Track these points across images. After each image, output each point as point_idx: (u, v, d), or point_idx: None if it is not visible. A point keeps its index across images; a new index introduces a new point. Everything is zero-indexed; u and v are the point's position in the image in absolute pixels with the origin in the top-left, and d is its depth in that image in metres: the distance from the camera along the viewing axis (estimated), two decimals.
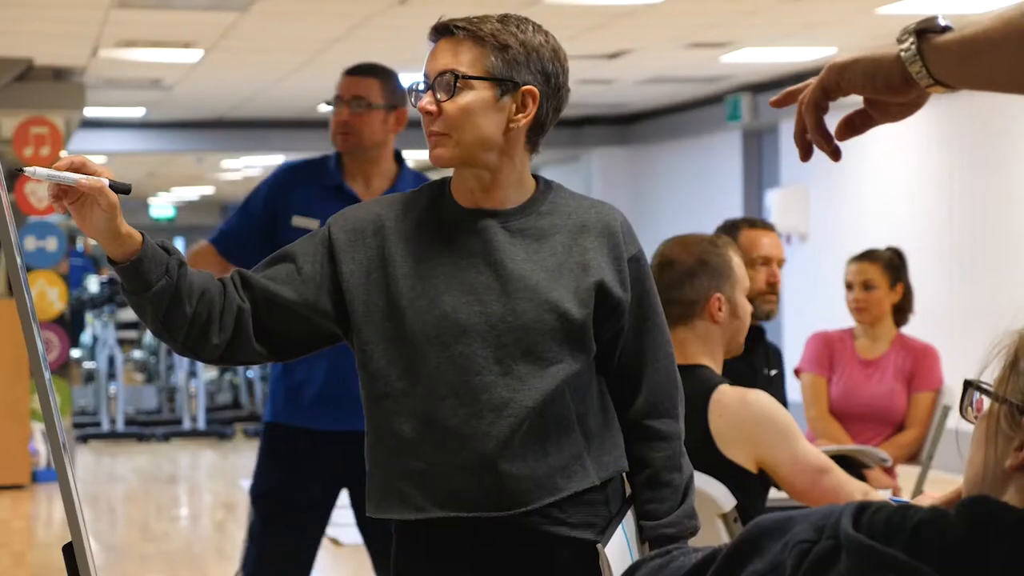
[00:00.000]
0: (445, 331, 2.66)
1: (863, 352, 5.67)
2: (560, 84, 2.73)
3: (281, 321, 2.70)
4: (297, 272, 2.71)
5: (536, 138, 2.75)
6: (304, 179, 4.53)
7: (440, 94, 2.66)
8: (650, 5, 9.36)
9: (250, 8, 9.19)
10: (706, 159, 15.50)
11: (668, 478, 2.76)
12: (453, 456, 2.65)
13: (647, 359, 2.77)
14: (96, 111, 14.57)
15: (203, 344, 2.66)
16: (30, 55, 11.03)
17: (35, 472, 11.11)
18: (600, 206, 2.78)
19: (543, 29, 2.74)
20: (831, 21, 10.30)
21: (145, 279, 2.57)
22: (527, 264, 2.69)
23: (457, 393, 2.65)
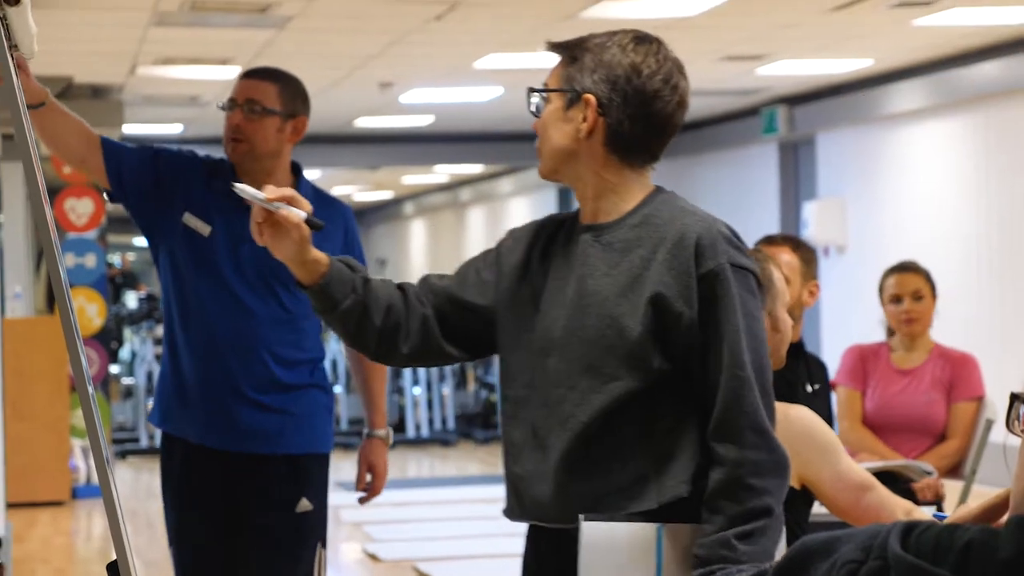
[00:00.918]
0: (544, 344, 2.73)
1: (899, 363, 5.64)
2: (634, 91, 2.69)
3: (470, 323, 2.82)
4: (479, 276, 2.84)
5: (624, 150, 2.72)
6: (206, 177, 4.21)
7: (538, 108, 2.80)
8: (685, 19, 9.35)
9: (287, 25, 9.22)
10: (743, 172, 15.46)
11: (720, 504, 2.64)
12: (535, 465, 2.72)
13: (716, 379, 2.67)
14: (134, 128, 14.64)
15: (393, 352, 2.81)
16: (70, 73, 11.10)
17: (75, 488, 11.15)
18: (691, 217, 2.71)
19: (643, 45, 2.73)
20: (867, 33, 10.26)
21: (332, 300, 2.73)
22: (604, 279, 2.70)
23: (543, 404, 2.72)
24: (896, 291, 5.62)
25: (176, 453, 4.25)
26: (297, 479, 4.21)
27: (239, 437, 4.17)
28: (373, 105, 13.83)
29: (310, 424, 4.23)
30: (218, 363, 4.16)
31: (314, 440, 4.23)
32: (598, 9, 8.94)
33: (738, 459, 2.64)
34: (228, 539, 4.20)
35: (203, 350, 4.16)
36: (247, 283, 4.15)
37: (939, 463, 5.44)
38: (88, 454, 11.45)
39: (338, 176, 21.73)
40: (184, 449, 4.23)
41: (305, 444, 4.21)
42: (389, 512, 10.11)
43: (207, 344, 4.17)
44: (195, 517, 4.21)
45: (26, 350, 10.73)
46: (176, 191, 4.19)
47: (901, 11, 9.38)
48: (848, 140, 13.32)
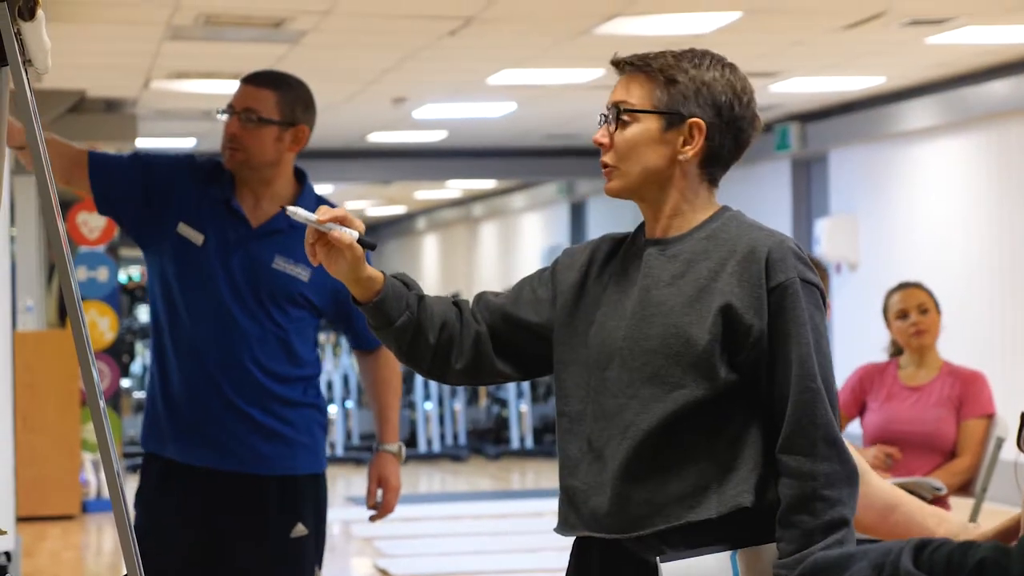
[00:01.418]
0: (603, 356, 2.74)
1: (908, 380, 5.65)
2: (736, 116, 2.76)
3: (523, 341, 2.83)
4: (533, 294, 2.85)
5: (713, 170, 2.78)
6: (201, 184, 4.09)
7: (612, 126, 2.77)
8: (699, 36, 9.36)
9: (301, 40, 9.24)
10: (755, 188, 15.45)
11: (796, 519, 2.64)
12: (593, 476, 2.72)
13: (786, 391, 2.68)
14: (148, 142, 14.68)
15: (446, 369, 2.83)
16: (83, 87, 11.13)
17: (85, 502, 11.16)
18: (760, 232, 2.75)
19: (725, 64, 2.78)
20: (880, 51, 10.27)
21: (388, 316, 2.75)
22: (669, 289, 2.72)
23: (601, 415, 2.72)
24: (902, 306, 5.65)
25: (154, 472, 4.08)
26: (292, 502, 4.06)
27: (229, 456, 4.02)
28: (386, 120, 13.85)
29: (304, 443, 4.08)
30: (205, 376, 4.01)
31: (308, 460, 4.09)
32: (612, 26, 8.96)
33: (812, 471, 2.66)
34: (217, 567, 4.04)
35: (190, 362, 4.02)
36: (237, 294, 4.03)
37: (949, 480, 5.43)
38: (98, 468, 11.46)
39: (351, 191, 21.76)
40: (165, 468, 4.07)
41: (299, 465, 4.07)
42: (400, 527, 10.10)
43: (194, 356, 4.02)
44: (177, 540, 4.01)
45: (37, 363, 10.74)
46: (170, 200, 4.07)
47: (914, 29, 9.38)
48: (860, 157, 13.31)
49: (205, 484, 4.03)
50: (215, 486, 4.03)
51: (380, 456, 4.22)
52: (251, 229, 4.07)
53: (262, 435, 4.03)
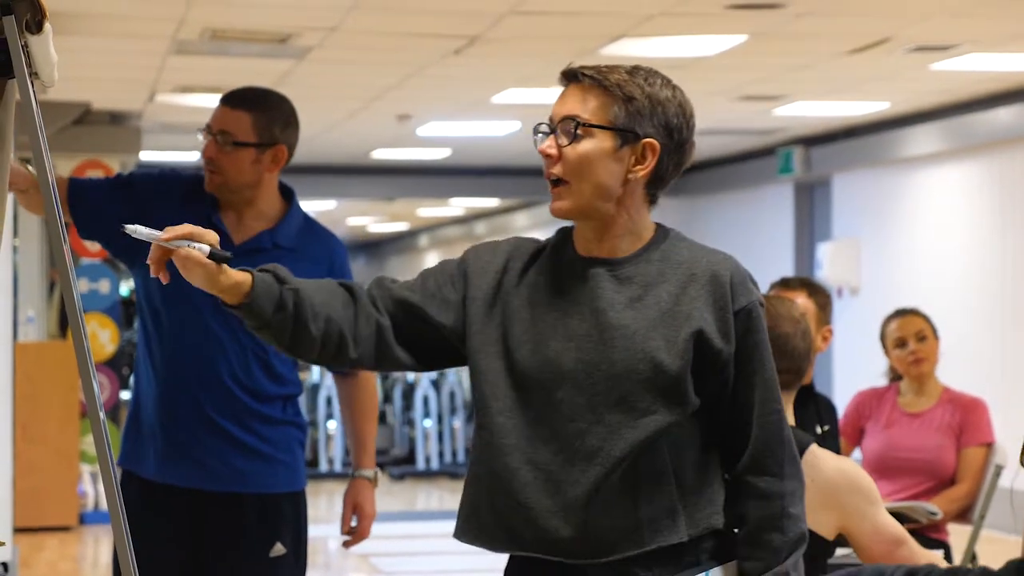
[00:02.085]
0: (548, 376, 2.68)
1: (908, 406, 5.63)
2: (683, 140, 2.74)
3: (427, 335, 2.77)
4: (438, 291, 2.78)
5: (655, 191, 2.75)
6: (183, 200, 4.03)
7: (562, 139, 2.71)
8: (703, 58, 9.38)
9: (306, 56, 9.26)
10: (758, 211, 15.47)
11: (766, 538, 2.68)
12: (546, 499, 2.66)
13: (752, 414, 2.70)
14: (151, 155, 14.70)
15: (341, 359, 2.75)
16: (88, 99, 11.15)
17: (83, 514, 11.15)
18: (714, 256, 2.75)
19: (672, 84, 2.76)
20: (884, 76, 10.28)
21: (260, 316, 2.68)
22: (628, 312, 2.68)
23: (556, 438, 2.67)
24: (900, 334, 5.62)
25: (132, 491, 3.97)
26: (270, 521, 4.00)
27: (207, 474, 3.96)
28: (390, 137, 13.87)
29: (283, 461, 4.02)
30: (185, 392, 3.94)
31: (287, 478, 4.04)
32: (617, 47, 8.97)
33: (780, 490, 2.70)
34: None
35: (170, 379, 3.95)
36: (218, 311, 3.91)
37: (948, 507, 5.43)
38: (97, 480, 11.45)
39: (354, 207, 21.77)
40: (141, 487, 4.00)
41: (278, 483, 4.01)
42: (398, 545, 10.09)
43: (174, 372, 3.96)
44: (160, 559, 3.93)
45: (38, 374, 10.74)
46: (150, 218, 3.83)
47: (918, 55, 9.40)
48: (864, 182, 13.32)
49: (184, 503, 3.98)
50: (194, 505, 3.98)
51: (356, 482, 4.15)
52: (233, 246, 4.00)
53: (241, 452, 3.98)
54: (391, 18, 8.20)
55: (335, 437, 14.26)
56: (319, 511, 11.48)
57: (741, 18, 8.13)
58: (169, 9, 7.92)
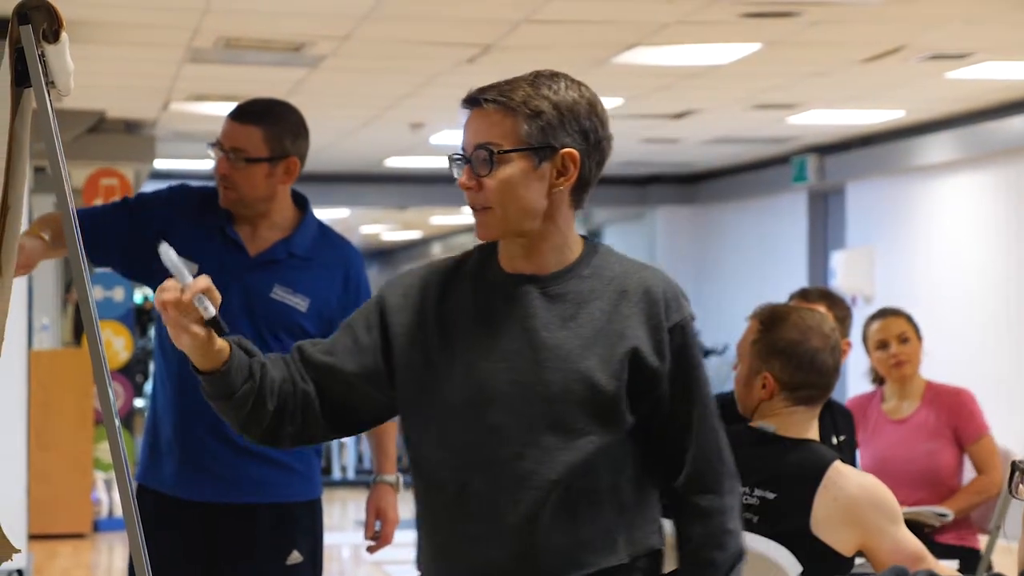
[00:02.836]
0: (478, 400, 2.60)
1: (892, 413, 5.54)
2: (600, 138, 2.66)
3: (346, 395, 2.67)
4: (355, 343, 2.67)
5: (580, 196, 2.67)
6: (195, 212, 4.05)
7: (479, 169, 2.60)
8: (717, 67, 9.38)
9: (320, 65, 9.28)
10: (771, 220, 15.46)
11: (709, 556, 2.64)
12: (482, 529, 2.60)
13: (689, 432, 2.65)
14: (165, 163, 14.72)
15: (279, 434, 2.67)
16: (103, 107, 11.18)
17: (97, 521, 11.16)
18: (645, 271, 2.69)
19: (577, 83, 2.67)
20: (899, 84, 10.27)
21: (230, 387, 2.59)
22: (561, 332, 2.60)
23: (488, 464, 2.59)
24: (881, 336, 5.52)
25: (147, 505, 3.97)
26: (287, 530, 4.01)
27: (223, 486, 3.97)
28: (403, 145, 13.88)
29: (298, 471, 4.03)
30: (201, 405, 3.90)
31: (303, 487, 4.05)
32: (630, 55, 8.97)
33: (720, 507, 2.67)
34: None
35: (188, 391, 3.87)
36: (233, 324, 3.95)
37: (975, 499, 5.35)
38: (111, 487, 11.47)
39: (367, 215, 21.79)
40: (157, 500, 4.01)
41: (294, 491, 4.03)
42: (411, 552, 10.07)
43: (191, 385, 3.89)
44: (176, 572, 3.93)
45: (52, 382, 10.76)
46: (166, 228, 3.96)
47: (933, 64, 9.39)
48: (878, 190, 13.31)
49: (200, 516, 3.98)
50: (210, 518, 3.98)
51: (378, 488, 4.15)
52: (249, 258, 4.02)
53: (257, 463, 3.97)
54: (405, 27, 8.21)
55: (348, 445, 14.25)
56: (332, 519, 11.47)
57: (755, 27, 8.13)
58: (184, 18, 7.94)
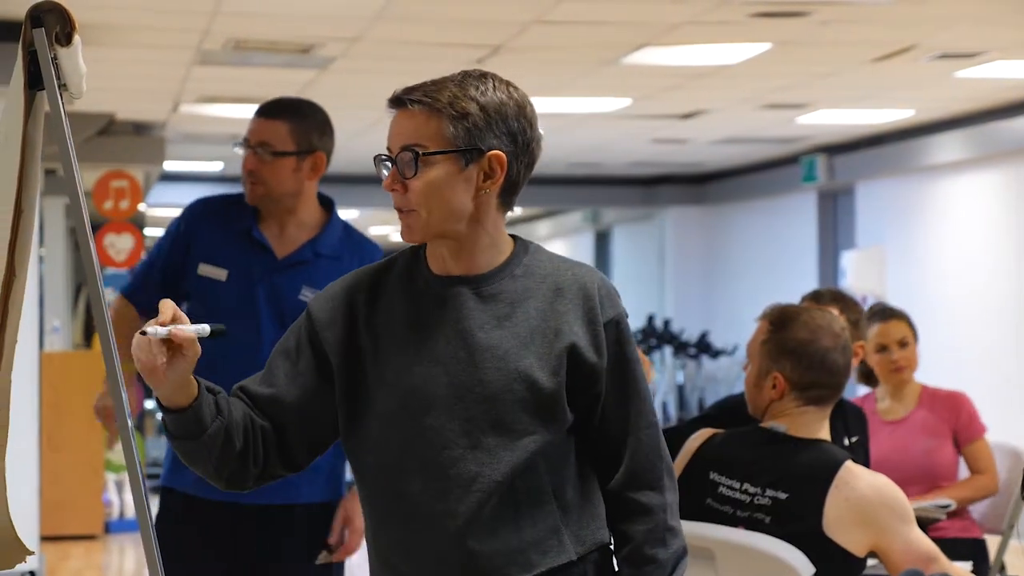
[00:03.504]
0: (413, 404, 2.55)
1: (887, 414, 5.48)
2: (529, 139, 2.60)
3: (299, 423, 2.62)
4: (293, 367, 2.62)
5: (509, 198, 2.62)
6: (214, 218, 4.07)
7: (404, 170, 2.56)
8: (726, 67, 9.37)
9: (329, 66, 9.29)
10: (781, 220, 15.45)
11: (651, 553, 2.60)
12: (423, 534, 2.56)
13: (628, 428, 2.61)
14: (175, 165, 14.74)
15: (244, 475, 2.60)
16: (112, 109, 11.19)
17: (108, 523, 11.18)
18: (578, 268, 2.64)
19: (506, 83, 2.61)
20: (908, 84, 10.27)
21: (200, 423, 2.51)
22: (496, 332, 2.56)
23: (427, 468, 2.55)
24: (882, 340, 5.43)
25: (175, 507, 4.04)
26: (316, 529, 4.05)
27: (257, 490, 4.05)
28: None
29: (324, 470, 4.04)
30: None
31: (329, 487, 4.07)
32: (639, 56, 8.97)
33: (662, 504, 2.63)
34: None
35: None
36: (263, 327, 3.99)
37: (973, 494, 5.33)
38: (122, 488, 11.48)
39: (376, 216, 21.81)
40: (185, 503, 4.02)
41: (320, 492, 4.05)
42: None
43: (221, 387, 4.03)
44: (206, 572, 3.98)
45: (63, 384, 10.78)
46: (191, 243, 4.03)
47: (943, 63, 9.38)
48: (888, 190, 13.30)
49: (229, 516, 3.99)
50: (239, 518, 4.00)
51: (349, 496, 4.12)
52: (276, 260, 4.05)
53: None
54: (414, 28, 8.22)
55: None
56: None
57: (765, 26, 8.12)
58: (193, 20, 7.95)
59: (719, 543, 3.48)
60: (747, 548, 3.43)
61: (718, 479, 3.53)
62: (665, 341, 16.78)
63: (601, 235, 20.25)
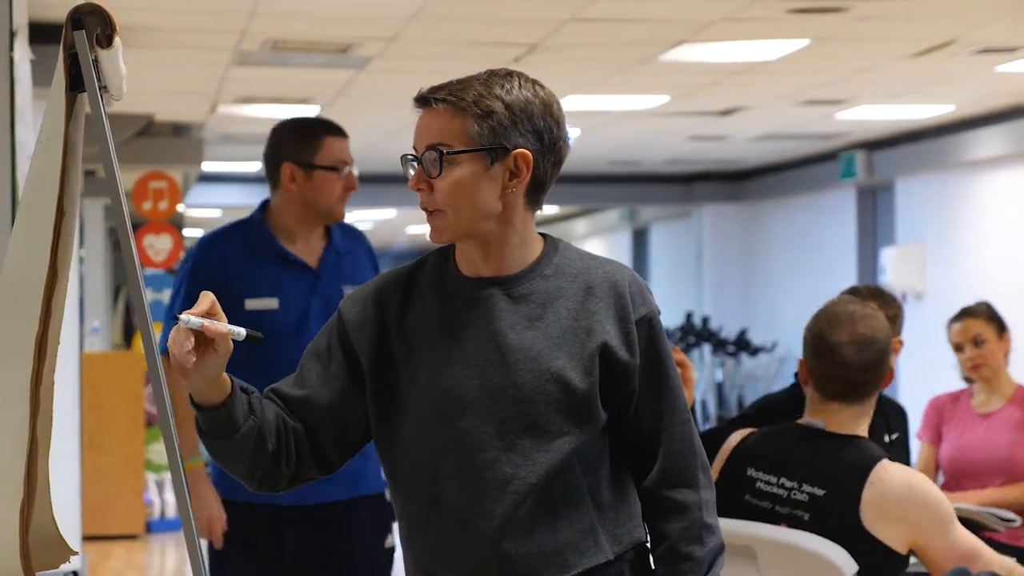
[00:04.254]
0: (447, 407, 2.55)
1: (980, 407, 5.58)
2: (556, 138, 2.59)
3: (331, 425, 2.62)
4: (325, 370, 2.62)
5: (537, 197, 2.60)
6: (240, 252, 4.14)
7: (430, 170, 2.55)
8: (765, 63, 9.34)
9: (367, 66, 9.30)
10: (819, 216, 15.39)
11: (687, 551, 2.60)
12: (459, 537, 2.55)
13: (661, 425, 2.61)
14: (213, 165, 14.79)
15: (276, 476, 2.59)
16: (151, 111, 11.24)
17: (149, 522, 11.23)
18: (609, 265, 2.63)
19: (532, 82, 2.60)
20: (948, 79, 10.21)
21: (233, 423, 2.50)
22: (528, 333, 2.56)
23: (461, 471, 2.54)
24: (956, 340, 5.55)
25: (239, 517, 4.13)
26: (381, 515, 4.20)
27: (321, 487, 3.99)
28: None
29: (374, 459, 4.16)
30: None
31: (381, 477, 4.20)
32: (676, 53, 8.96)
33: (697, 501, 2.62)
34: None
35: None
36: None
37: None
38: (162, 488, 11.53)
39: (413, 215, 21.83)
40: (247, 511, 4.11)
41: (381, 481, 4.17)
42: None
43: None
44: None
45: (103, 384, 10.84)
46: (228, 283, 4.05)
47: (983, 58, 9.33)
48: (928, 186, 13.23)
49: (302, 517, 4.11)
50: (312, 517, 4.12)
51: None
52: (313, 272, 4.14)
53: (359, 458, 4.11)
54: (451, 27, 8.22)
55: None
56: None
57: (803, 22, 8.09)
58: (231, 21, 7.97)
59: (761, 541, 3.47)
60: (789, 546, 3.42)
61: (755, 474, 3.54)
62: (703, 339, 16.75)
63: (639, 233, 20.22)
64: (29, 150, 3.84)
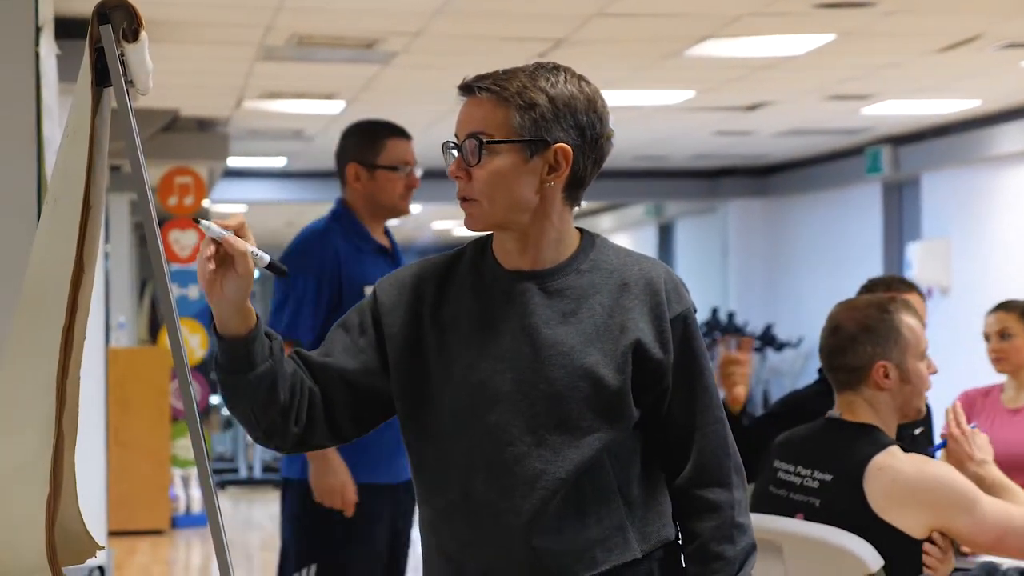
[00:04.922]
0: (479, 401, 2.54)
1: (1009, 403, 5.58)
2: (598, 135, 2.58)
3: (349, 395, 2.61)
4: (353, 343, 2.61)
5: (575, 193, 2.60)
6: (353, 244, 4.58)
7: (469, 158, 2.55)
8: (791, 58, 9.32)
9: (392, 61, 9.30)
10: (845, 212, 15.35)
11: (718, 550, 2.58)
12: (487, 531, 2.54)
13: (694, 423, 2.60)
14: (238, 161, 14.81)
15: (284, 432, 2.57)
16: (176, 106, 11.26)
17: (174, 517, 11.26)
18: (645, 262, 2.62)
19: (579, 77, 2.59)
20: (974, 74, 10.17)
21: (251, 359, 2.48)
22: (562, 328, 2.54)
23: (491, 465, 2.53)
24: (986, 330, 5.59)
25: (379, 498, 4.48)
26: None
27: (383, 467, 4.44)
28: None
29: None
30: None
31: None
32: (702, 48, 8.94)
33: (729, 501, 2.61)
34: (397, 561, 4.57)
35: None
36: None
37: None
38: (188, 484, 11.56)
39: (439, 211, 21.84)
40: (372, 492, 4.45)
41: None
42: None
43: None
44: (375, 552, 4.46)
45: (129, 379, 10.87)
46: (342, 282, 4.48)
47: (1009, 52, 9.28)
48: (954, 181, 13.18)
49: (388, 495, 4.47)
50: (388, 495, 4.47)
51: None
52: (390, 254, 4.60)
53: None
54: (476, 22, 8.21)
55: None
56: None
57: (829, 17, 8.07)
58: (257, 16, 7.98)
59: (787, 536, 3.47)
60: (815, 541, 3.42)
61: (779, 465, 3.59)
62: (729, 334, 16.73)
63: (664, 228, 20.19)
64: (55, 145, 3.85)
